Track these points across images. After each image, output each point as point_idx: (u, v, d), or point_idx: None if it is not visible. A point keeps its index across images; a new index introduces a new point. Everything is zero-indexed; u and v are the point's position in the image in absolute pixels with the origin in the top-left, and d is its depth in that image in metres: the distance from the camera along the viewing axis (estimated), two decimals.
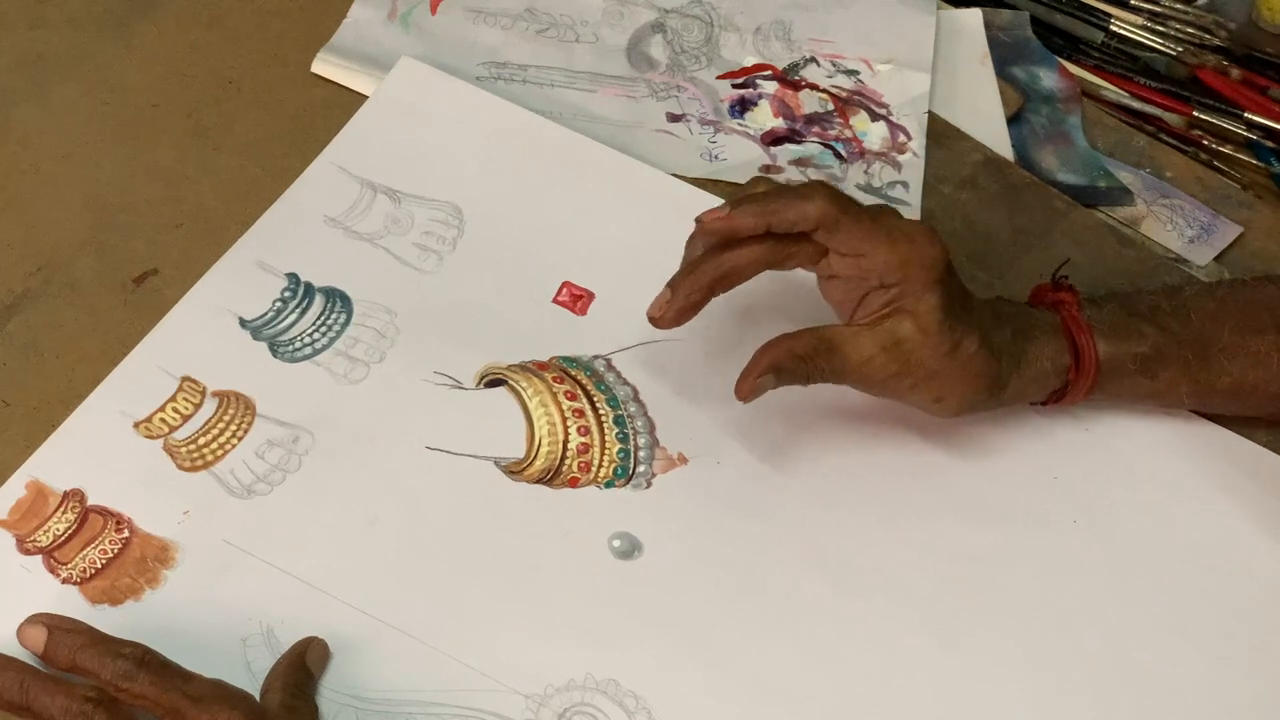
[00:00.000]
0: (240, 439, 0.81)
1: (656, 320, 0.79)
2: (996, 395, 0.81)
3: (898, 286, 0.78)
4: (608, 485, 0.82)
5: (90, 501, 0.77)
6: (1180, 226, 1.00)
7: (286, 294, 0.86)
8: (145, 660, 0.68)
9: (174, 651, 0.70)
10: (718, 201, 0.92)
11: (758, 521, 0.82)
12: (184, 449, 0.80)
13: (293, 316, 0.85)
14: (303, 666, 0.72)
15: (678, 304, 0.78)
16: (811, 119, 1.00)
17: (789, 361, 0.78)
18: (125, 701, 0.67)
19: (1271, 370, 0.84)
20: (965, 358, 0.79)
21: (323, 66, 0.97)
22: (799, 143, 0.98)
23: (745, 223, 0.77)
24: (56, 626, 0.69)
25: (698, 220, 0.78)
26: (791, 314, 0.86)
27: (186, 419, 0.81)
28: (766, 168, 0.97)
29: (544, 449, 0.82)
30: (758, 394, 0.78)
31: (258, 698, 0.71)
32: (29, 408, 0.81)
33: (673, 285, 0.79)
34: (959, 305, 0.79)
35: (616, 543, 0.80)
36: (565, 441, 0.83)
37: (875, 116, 1.00)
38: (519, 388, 0.84)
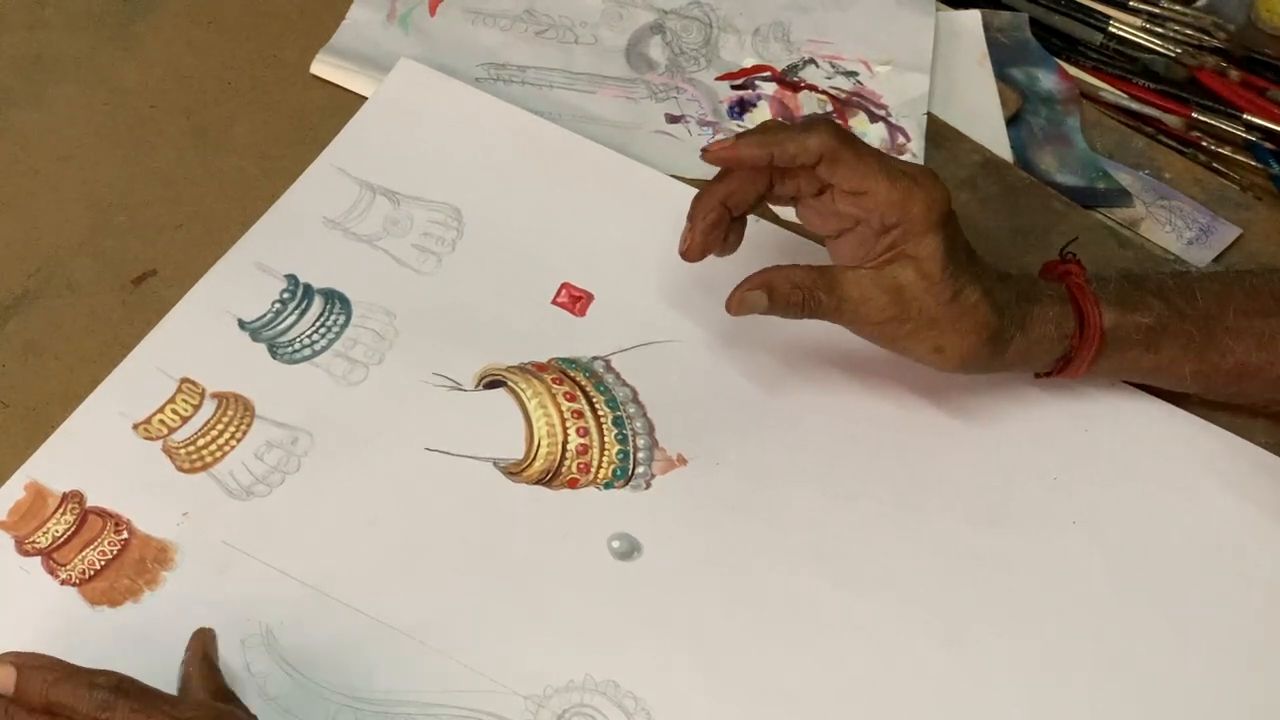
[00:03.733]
0: (239, 440, 0.80)
1: (685, 253, 0.80)
2: (998, 353, 0.81)
3: (899, 228, 0.78)
4: (607, 486, 0.82)
5: (89, 503, 0.77)
6: (1179, 228, 1.00)
7: (285, 295, 0.86)
8: (122, 687, 0.64)
9: (172, 653, 0.70)
10: None
11: (757, 522, 0.82)
12: (183, 450, 0.80)
13: (292, 318, 0.85)
14: (215, 667, 0.70)
15: (699, 228, 0.79)
16: None
17: (785, 286, 0.79)
18: None
19: (1276, 352, 0.84)
20: (967, 306, 0.79)
21: (322, 68, 0.97)
22: None
23: (749, 153, 0.79)
24: (25, 664, 0.65)
25: (703, 150, 0.79)
26: (796, 325, 0.86)
27: (185, 420, 0.81)
28: None
29: (543, 450, 0.82)
30: (746, 309, 0.79)
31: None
32: (28, 409, 0.80)
33: (689, 216, 0.80)
34: (961, 254, 0.79)
35: (616, 544, 0.80)
36: (564, 443, 0.83)
37: (874, 118, 1.00)
38: (518, 389, 0.84)
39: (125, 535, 0.77)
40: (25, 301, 0.85)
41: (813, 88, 1.01)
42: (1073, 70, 1.08)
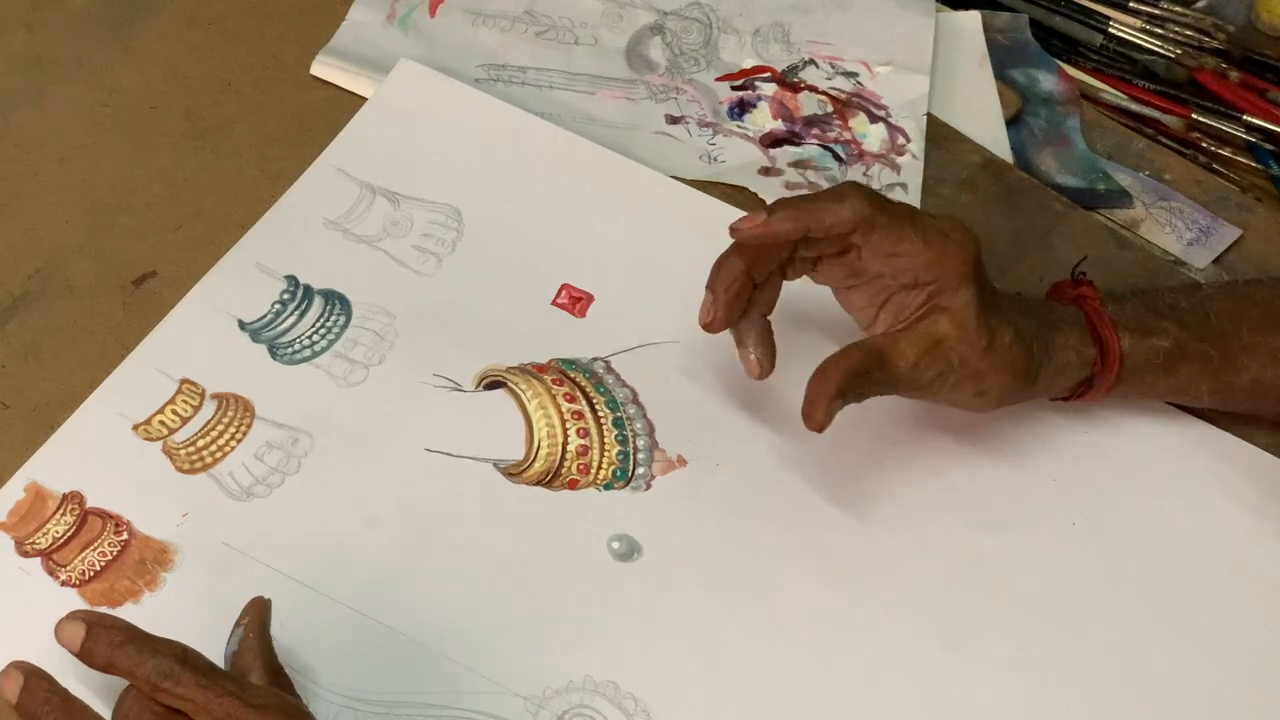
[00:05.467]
0: (239, 441, 0.80)
1: (708, 326, 0.78)
2: (1029, 385, 0.81)
3: (934, 284, 0.77)
4: (607, 487, 0.82)
5: (89, 504, 0.77)
6: (1179, 229, 1.00)
7: (285, 296, 0.86)
8: (188, 659, 0.64)
9: None
10: (717, 203, 0.93)
11: (757, 524, 0.82)
12: (183, 451, 0.80)
13: (292, 319, 0.85)
14: (270, 641, 0.69)
15: (721, 300, 0.78)
16: (810, 121, 1.00)
17: (849, 381, 0.77)
18: (166, 704, 0.63)
19: None
20: (1003, 349, 0.79)
21: (321, 68, 0.97)
22: (798, 145, 0.99)
23: (783, 228, 0.76)
24: (96, 623, 0.65)
25: (733, 229, 0.77)
26: (794, 315, 0.86)
27: (185, 421, 0.81)
28: (765, 170, 0.97)
29: (543, 451, 0.82)
30: (832, 419, 0.77)
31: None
32: (28, 410, 0.80)
33: (709, 287, 0.78)
34: (989, 298, 0.79)
35: (615, 545, 0.80)
36: (564, 443, 0.83)
37: (874, 118, 1.00)
38: (518, 390, 0.84)
39: (125, 536, 0.77)
40: (25, 302, 0.85)
41: (813, 89, 1.01)
42: (1073, 71, 1.08)
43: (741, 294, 0.78)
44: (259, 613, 0.70)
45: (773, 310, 0.80)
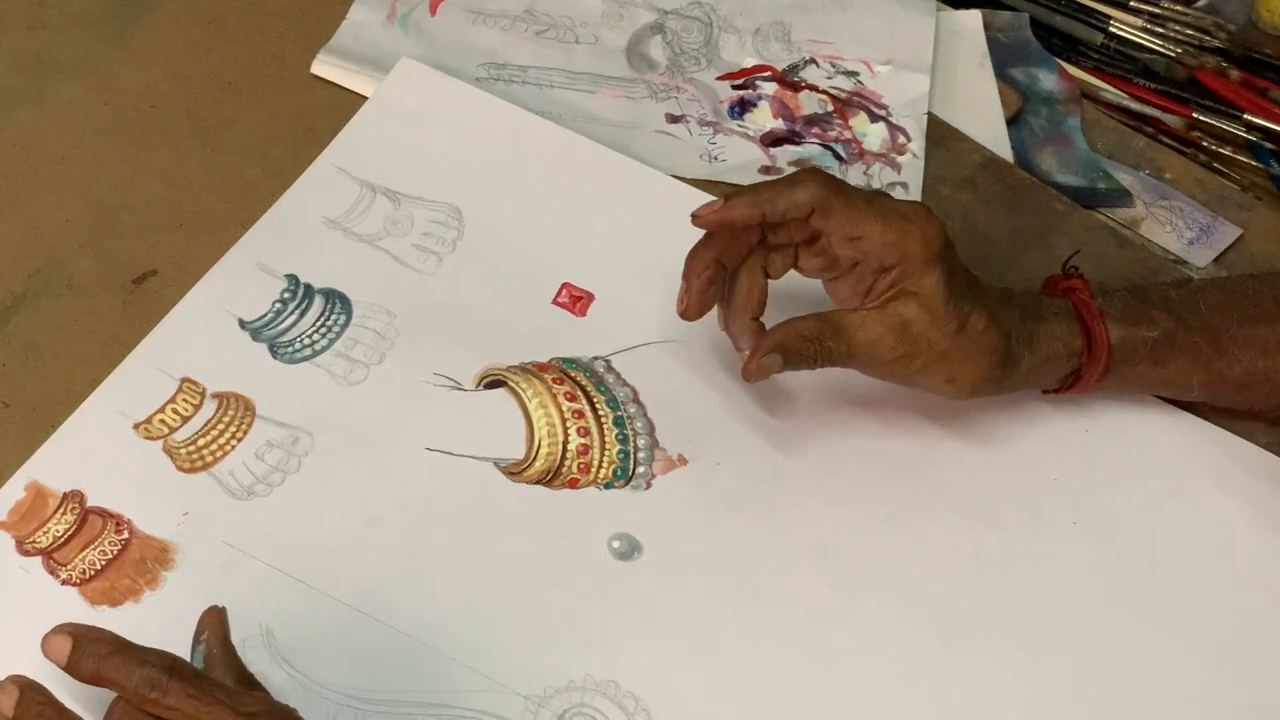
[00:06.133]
0: (240, 440, 0.80)
1: (683, 314, 0.80)
2: (1009, 375, 0.81)
3: (898, 267, 0.78)
4: (607, 486, 0.82)
5: (90, 503, 0.77)
6: (1179, 228, 1.00)
7: (286, 295, 0.86)
8: (176, 668, 0.63)
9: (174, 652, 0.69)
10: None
11: (757, 522, 0.82)
12: (183, 450, 0.80)
13: (292, 318, 0.85)
14: (234, 650, 0.69)
15: (695, 288, 0.79)
16: (811, 120, 1.00)
17: (796, 342, 0.78)
18: (155, 714, 0.63)
19: None
20: (974, 335, 0.79)
21: (322, 67, 0.97)
22: (798, 144, 0.99)
23: (739, 214, 0.78)
24: (82, 635, 0.65)
25: (692, 215, 0.79)
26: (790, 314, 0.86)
27: (186, 420, 0.81)
28: (766, 169, 0.97)
29: (543, 450, 0.82)
30: (764, 374, 0.79)
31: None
32: (28, 409, 0.80)
33: (683, 276, 0.80)
34: (963, 283, 0.79)
35: (616, 544, 0.80)
36: (565, 443, 0.83)
37: (875, 118, 1.00)
38: (518, 389, 0.84)
39: (126, 535, 0.77)
40: (26, 301, 0.85)
41: (813, 88, 1.01)
42: (1073, 70, 1.08)
43: (714, 281, 0.80)
44: (217, 625, 0.69)
45: (763, 312, 0.81)
